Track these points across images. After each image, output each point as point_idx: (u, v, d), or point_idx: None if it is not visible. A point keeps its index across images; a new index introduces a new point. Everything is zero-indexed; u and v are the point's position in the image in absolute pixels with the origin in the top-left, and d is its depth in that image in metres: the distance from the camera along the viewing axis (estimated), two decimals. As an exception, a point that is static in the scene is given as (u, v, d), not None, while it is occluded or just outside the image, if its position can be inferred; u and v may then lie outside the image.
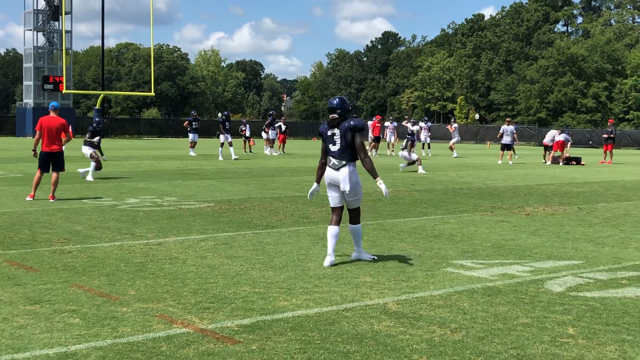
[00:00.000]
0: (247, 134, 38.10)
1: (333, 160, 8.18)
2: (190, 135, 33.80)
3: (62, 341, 5.22)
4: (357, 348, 5.21)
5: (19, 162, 26.13)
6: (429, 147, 38.03)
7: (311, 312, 6.14)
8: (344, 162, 8.12)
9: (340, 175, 8.12)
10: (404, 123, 37.13)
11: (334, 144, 8.17)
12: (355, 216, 8.41)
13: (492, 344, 5.39)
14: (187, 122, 34.27)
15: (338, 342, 5.33)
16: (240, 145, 39.43)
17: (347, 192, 8.12)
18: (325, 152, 8.27)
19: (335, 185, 8.22)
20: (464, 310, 6.32)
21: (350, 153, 8.14)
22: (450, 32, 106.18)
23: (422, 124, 38.11)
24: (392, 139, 38.32)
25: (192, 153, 32.90)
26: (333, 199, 8.30)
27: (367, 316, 6.04)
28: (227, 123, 32.09)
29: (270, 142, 36.90)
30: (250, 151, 36.95)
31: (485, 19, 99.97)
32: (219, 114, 35.04)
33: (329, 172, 8.23)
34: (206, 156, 32.50)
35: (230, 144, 31.63)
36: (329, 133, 8.21)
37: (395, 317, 6.04)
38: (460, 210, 13.65)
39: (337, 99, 8.29)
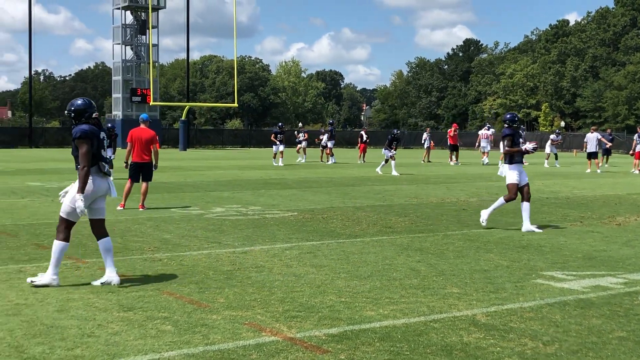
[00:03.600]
0: (325, 143, 38.08)
1: (106, 167, 7.80)
2: (274, 147, 33.95)
3: (155, 348, 5.35)
4: (446, 360, 5.15)
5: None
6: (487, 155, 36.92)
7: (398, 322, 6.11)
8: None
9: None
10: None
11: (104, 149, 7.85)
12: None
13: (586, 357, 5.25)
14: (273, 134, 34.49)
15: (427, 354, 5.28)
16: (318, 154, 39.69)
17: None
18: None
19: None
20: (556, 322, 6.17)
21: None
22: (533, 39, 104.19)
23: (484, 131, 37.22)
24: (488, 147, 36.78)
25: (280, 163, 33.00)
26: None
27: (455, 327, 5.97)
28: (279, 135, 32.99)
29: (329, 151, 37.08)
30: (328, 160, 37.00)
31: (570, 24, 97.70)
32: (295, 126, 35.50)
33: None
34: (287, 166, 32.80)
35: (282, 154, 33.01)
36: (101, 136, 7.76)
37: (485, 329, 5.95)
38: (548, 220, 13.34)
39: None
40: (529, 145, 12.30)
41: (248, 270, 8.27)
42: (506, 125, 12.31)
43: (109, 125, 24.43)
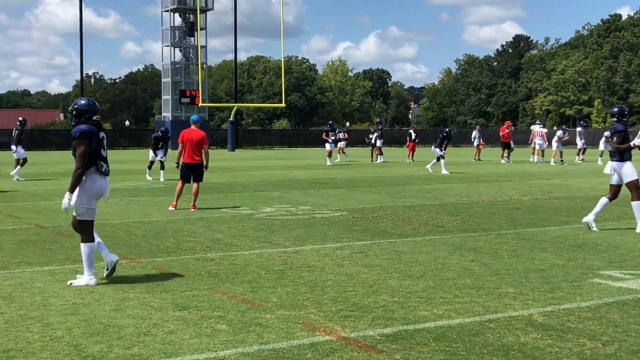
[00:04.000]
0: (374, 142, 37.85)
1: (105, 166, 7.84)
2: (327, 146, 33.79)
3: (210, 347, 5.38)
4: (503, 360, 5.08)
5: (157, 173, 27.24)
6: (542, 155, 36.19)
7: (453, 322, 6.05)
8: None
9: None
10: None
11: (104, 149, 7.88)
12: None
13: (648, 359, 5.12)
14: (324, 132, 34.46)
15: (483, 354, 5.21)
16: (367, 153, 39.57)
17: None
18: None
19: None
20: (615, 322, 6.04)
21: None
22: (585, 34, 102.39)
23: (537, 128, 36.41)
24: (545, 145, 35.92)
25: (328, 162, 33.01)
26: None
27: (512, 327, 5.88)
28: (330, 133, 32.97)
29: (378, 150, 36.86)
30: (376, 160, 36.83)
31: (623, 19, 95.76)
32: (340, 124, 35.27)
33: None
34: (335, 166, 32.80)
35: (330, 154, 32.87)
36: (100, 136, 7.80)
37: (542, 329, 5.85)
38: (604, 218, 13.07)
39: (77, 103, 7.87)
40: (637, 141, 11.84)
41: (300, 270, 8.28)
42: (615, 120, 11.47)
43: (163, 128, 24.54)
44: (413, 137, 38.22)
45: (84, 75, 73.69)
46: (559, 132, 34.32)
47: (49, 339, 5.58)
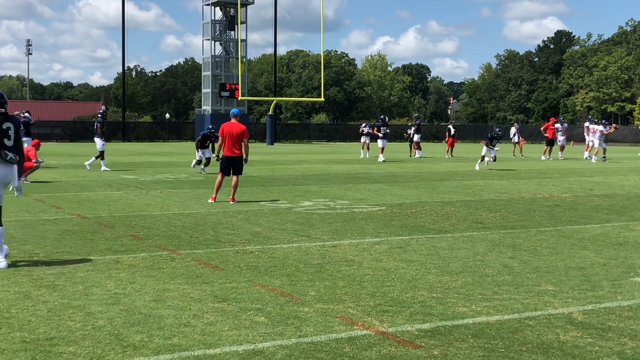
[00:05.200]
0: (412, 137, 37.57)
1: (10, 155, 8.16)
2: (380, 142, 33.13)
3: (249, 338, 5.43)
4: (543, 358, 5.04)
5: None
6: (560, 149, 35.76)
7: (492, 319, 6.01)
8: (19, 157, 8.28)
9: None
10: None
11: (9, 139, 8.19)
12: None
13: (691, 360, 5.04)
14: (376, 127, 33.66)
15: (523, 352, 5.18)
16: (406, 149, 39.38)
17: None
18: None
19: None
20: (657, 323, 5.96)
21: None
22: (628, 30, 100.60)
23: (557, 125, 36.03)
24: (604, 144, 35.11)
25: (380, 159, 31.73)
26: None
27: (551, 325, 5.83)
28: (382, 128, 32.26)
29: (416, 145, 36.54)
30: (415, 154, 36.64)
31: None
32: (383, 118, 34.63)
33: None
34: (372, 159, 32.73)
35: (381, 150, 32.19)
36: (4, 127, 8.18)
37: (582, 327, 5.79)
38: (646, 217, 12.88)
39: None
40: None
41: (338, 264, 8.30)
42: None
43: (210, 126, 23.57)
44: (452, 132, 37.94)
45: (126, 68, 74.55)
46: (601, 128, 33.87)
47: (91, 328, 5.68)
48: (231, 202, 14.41)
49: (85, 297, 6.69)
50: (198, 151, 23.46)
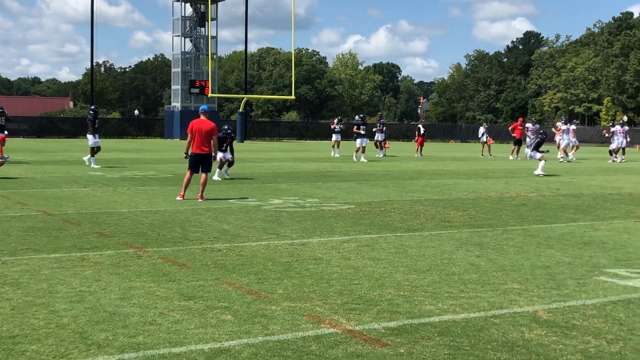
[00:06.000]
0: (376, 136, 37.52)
1: None
2: (358, 141, 32.70)
3: (215, 337, 5.40)
4: (508, 356, 5.08)
5: (168, 163, 27.36)
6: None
7: (458, 317, 6.05)
8: None
9: None
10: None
11: None
12: None
13: (653, 358, 5.12)
14: (355, 126, 33.17)
15: (488, 350, 5.22)
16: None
17: None
18: None
19: None
20: (620, 321, 6.04)
21: None
22: (596, 31, 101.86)
23: (528, 124, 36.49)
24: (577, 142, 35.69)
25: (362, 159, 30.94)
26: None
27: (516, 324, 5.88)
28: (362, 127, 31.95)
29: (377, 144, 36.53)
30: (384, 154, 36.68)
31: (634, 17, 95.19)
32: (356, 117, 34.48)
33: None
34: (344, 158, 32.75)
35: (377, 146, 31.77)
36: None
37: (547, 325, 5.85)
38: (611, 216, 13.05)
39: None
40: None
41: (306, 262, 8.29)
42: None
43: (226, 127, 21.15)
44: (422, 131, 38.10)
45: (94, 64, 73.82)
46: (572, 127, 34.53)
47: (55, 326, 5.61)
48: (200, 200, 14.32)
49: (50, 294, 6.61)
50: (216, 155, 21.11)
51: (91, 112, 24.91)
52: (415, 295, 6.80)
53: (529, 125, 36.69)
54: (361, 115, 34.50)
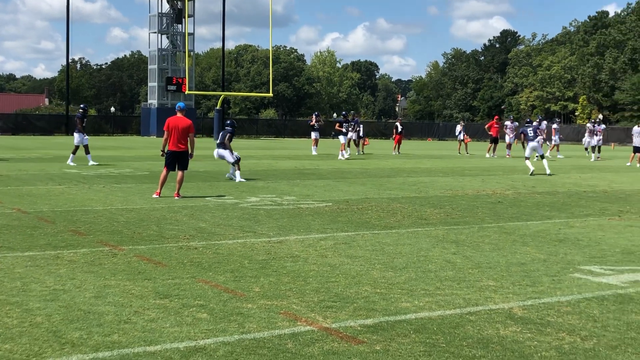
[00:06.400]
0: (361, 134, 37.53)
1: None
2: (341, 138, 32.63)
3: (191, 335, 5.37)
4: (483, 353, 5.11)
5: (145, 160, 27.20)
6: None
7: (434, 314, 6.07)
8: None
9: None
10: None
11: None
12: None
13: (625, 353, 5.17)
14: (338, 123, 33.06)
15: (463, 346, 5.24)
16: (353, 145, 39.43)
17: None
18: None
19: None
20: (594, 317, 6.09)
21: None
22: (571, 30, 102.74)
23: (507, 122, 36.76)
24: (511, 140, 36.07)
25: (344, 156, 30.88)
26: None
27: (492, 321, 5.91)
28: (345, 124, 32.04)
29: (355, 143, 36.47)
30: (363, 152, 36.68)
31: (609, 16, 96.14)
32: (341, 115, 34.38)
33: None
34: (322, 156, 32.76)
35: (349, 145, 31.82)
36: None
37: (522, 322, 5.88)
38: (586, 214, 13.17)
39: None
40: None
41: (283, 260, 8.28)
42: None
43: (228, 122, 19.84)
44: (399, 129, 38.20)
45: (70, 61, 73.22)
46: (589, 125, 34.91)
47: (28, 325, 5.55)
48: (176, 198, 14.25)
49: (24, 293, 6.54)
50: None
51: (80, 110, 24.94)
52: (391, 292, 6.81)
53: (507, 123, 36.87)
54: (343, 113, 34.62)
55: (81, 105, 25.56)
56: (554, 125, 37.10)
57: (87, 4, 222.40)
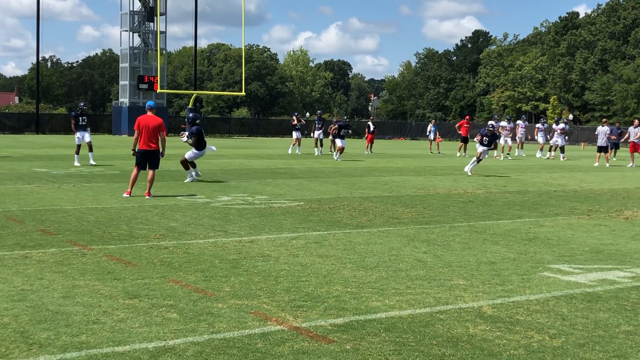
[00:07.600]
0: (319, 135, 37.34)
1: None
2: (316, 133, 33.85)
3: (160, 335, 5.34)
4: (452, 352, 5.13)
5: (116, 159, 26.99)
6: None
7: (404, 313, 6.09)
8: None
9: None
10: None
11: None
12: None
13: (593, 351, 5.22)
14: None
15: (433, 345, 5.26)
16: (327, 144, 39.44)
17: None
18: None
19: None
20: (563, 316, 6.14)
21: None
22: (543, 31, 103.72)
23: (503, 123, 36.86)
24: (509, 141, 35.39)
25: (319, 152, 31.85)
26: None
27: (461, 319, 5.94)
28: (318, 123, 32.53)
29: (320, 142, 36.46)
30: (318, 152, 36.53)
31: (580, 17, 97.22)
32: (315, 115, 34.64)
33: None
34: (295, 155, 32.73)
35: (321, 143, 32.17)
36: None
37: (491, 321, 5.92)
38: (556, 213, 13.30)
39: None
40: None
41: (254, 260, 8.26)
42: None
43: (191, 114, 19.03)
44: (372, 129, 38.30)
45: (41, 59, 72.39)
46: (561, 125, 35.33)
47: (-5, 326, 5.48)
48: (147, 197, 14.15)
49: (-10, 294, 6.45)
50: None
51: (77, 108, 24.71)
52: (362, 291, 6.82)
53: (503, 123, 36.27)
54: (319, 112, 34.82)
55: (79, 104, 25.20)
56: (538, 125, 37.80)
57: (57, 2, 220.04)
